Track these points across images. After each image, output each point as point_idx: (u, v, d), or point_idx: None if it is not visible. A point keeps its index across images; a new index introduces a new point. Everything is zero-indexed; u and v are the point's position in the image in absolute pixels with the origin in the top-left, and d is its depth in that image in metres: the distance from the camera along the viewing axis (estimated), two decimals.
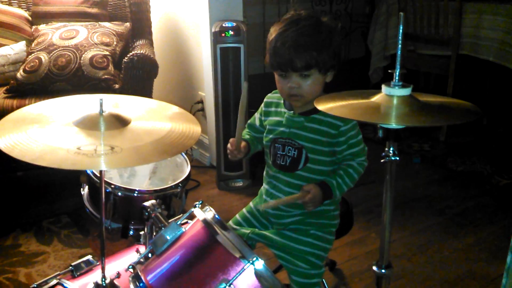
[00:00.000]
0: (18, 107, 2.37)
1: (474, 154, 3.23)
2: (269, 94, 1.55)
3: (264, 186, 1.54)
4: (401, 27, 1.18)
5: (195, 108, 3.07)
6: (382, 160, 1.24)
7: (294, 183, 1.45)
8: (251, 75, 2.67)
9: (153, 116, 1.26)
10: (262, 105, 1.56)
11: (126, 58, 2.57)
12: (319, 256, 1.45)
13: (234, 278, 1.01)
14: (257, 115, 1.58)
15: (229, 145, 1.50)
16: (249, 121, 1.60)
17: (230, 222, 1.56)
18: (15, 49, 2.76)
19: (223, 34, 2.62)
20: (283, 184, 1.47)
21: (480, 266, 2.13)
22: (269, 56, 1.39)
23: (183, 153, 1.73)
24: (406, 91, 1.18)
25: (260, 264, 1.03)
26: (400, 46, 1.18)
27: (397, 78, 1.18)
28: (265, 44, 1.44)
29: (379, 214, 1.33)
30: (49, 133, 1.10)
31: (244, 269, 1.02)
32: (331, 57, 1.37)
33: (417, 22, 3.51)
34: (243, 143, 1.50)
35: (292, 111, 1.45)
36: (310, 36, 1.35)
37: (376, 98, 1.20)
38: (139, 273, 1.10)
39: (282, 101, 1.50)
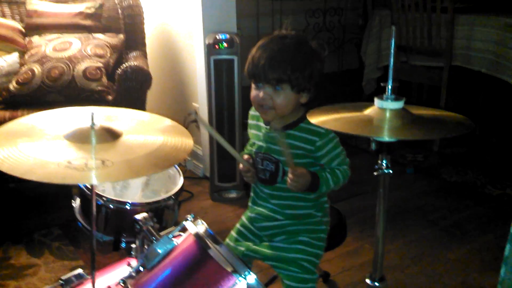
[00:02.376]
0: (10, 119, 2.36)
1: (467, 165, 3.24)
2: (253, 107, 1.56)
3: (251, 194, 1.57)
4: (393, 41, 1.20)
5: (189, 120, 3.07)
6: (375, 173, 1.24)
7: (276, 194, 1.48)
8: (245, 86, 2.67)
9: (145, 129, 1.25)
10: (248, 117, 1.58)
11: (119, 69, 2.57)
12: (311, 261, 1.46)
13: None
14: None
15: (242, 172, 1.50)
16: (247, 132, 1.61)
17: (228, 240, 1.56)
18: (8, 60, 2.75)
19: (216, 46, 2.62)
20: (266, 195, 1.50)
21: (473, 277, 2.13)
22: (247, 65, 1.42)
23: (176, 165, 1.72)
24: (398, 104, 1.18)
25: (252, 278, 1.02)
26: (392, 59, 1.19)
27: (389, 91, 1.19)
28: None
29: (372, 225, 1.33)
30: (40, 147, 1.09)
31: (236, 284, 1.02)
32: (306, 79, 1.38)
33: (410, 34, 3.53)
34: (246, 156, 1.50)
35: (268, 126, 1.48)
36: (289, 53, 1.37)
37: (369, 111, 1.21)
38: None
39: None
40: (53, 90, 2.55)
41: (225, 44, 2.62)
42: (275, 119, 1.44)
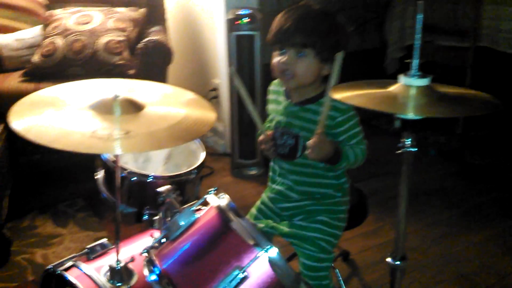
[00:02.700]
0: (34, 91, 2.38)
1: (491, 148, 3.18)
2: (274, 81, 1.55)
3: (270, 173, 1.55)
4: (420, 16, 1.16)
5: (210, 96, 3.07)
6: (399, 151, 1.22)
7: (297, 170, 1.46)
8: (266, 63, 2.65)
9: (168, 101, 1.25)
10: (269, 92, 1.57)
11: (140, 44, 2.57)
12: (329, 241, 1.45)
13: (247, 265, 1.01)
14: None
15: (260, 143, 1.47)
16: (266, 109, 1.59)
17: (248, 216, 1.56)
18: (31, 33, 2.77)
19: (238, 22, 2.59)
20: (285, 171, 1.49)
21: (495, 261, 2.11)
22: (271, 30, 1.40)
23: (198, 140, 1.72)
24: (424, 81, 1.16)
25: (274, 252, 1.02)
26: (419, 35, 1.16)
27: (415, 68, 1.16)
28: None
29: (393, 206, 1.32)
30: (65, 117, 1.10)
31: (258, 257, 1.02)
32: (330, 47, 1.36)
33: (435, 13, 3.45)
34: (269, 132, 1.48)
35: (289, 100, 1.45)
36: (315, 19, 1.36)
37: (393, 88, 1.18)
38: (153, 258, 1.10)
39: (282, 90, 1.50)
40: (75, 63, 2.56)
41: (246, 20, 2.59)
42: (295, 88, 1.42)
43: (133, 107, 1.16)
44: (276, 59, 1.40)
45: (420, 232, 2.30)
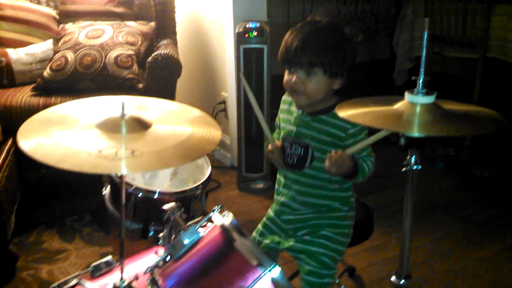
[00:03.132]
0: (44, 105, 2.41)
1: (500, 160, 3.16)
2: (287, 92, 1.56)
3: (276, 186, 1.56)
4: (426, 33, 1.16)
5: (218, 109, 3.08)
6: (403, 169, 1.22)
7: (302, 181, 1.47)
8: (274, 75, 2.66)
9: (174, 119, 1.26)
10: (281, 102, 1.58)
11: (150, 58, 2.59)
12: (332, 257, 1.45)
13: (251, 286, 1.01)
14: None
15: (268, 153, 1.48)
16: (276, 121, 1.61)
17: (254, 234, 1.57)
18: (43, 47, 2.81)
19: (246, 35, 2.61)
20: (292, 182, 1.49)
21: (504, 276, 2.08)
22: (280, 50, 1.42)
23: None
24: (429, 99, 1.16)
25: (276, 271, 1.03)
26: (425, 51, 1.16)
27: (420, 85, 1.16)
28: None
29: (400, 220, 1.31)
30: (71, 136, 1.11)
31: (261, 277, 1.02)
32: (338, 62, 1.37)
33: (444, 24, 3.45)
34: (277, 142, 1.50)
35: (301, 111, 1.47)
36: (321, 36, 1.37)
37: (399, 106, 1.18)
38: (156, 278, 1.11)
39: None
40: (85, 77, 2.59)
41: (255, 33, 2.61)
42: (307, 104, 1.43)
43: (140, 125, 1.17)
44: (287, 78, 1.42)
45: (428, 246, 2.28)
